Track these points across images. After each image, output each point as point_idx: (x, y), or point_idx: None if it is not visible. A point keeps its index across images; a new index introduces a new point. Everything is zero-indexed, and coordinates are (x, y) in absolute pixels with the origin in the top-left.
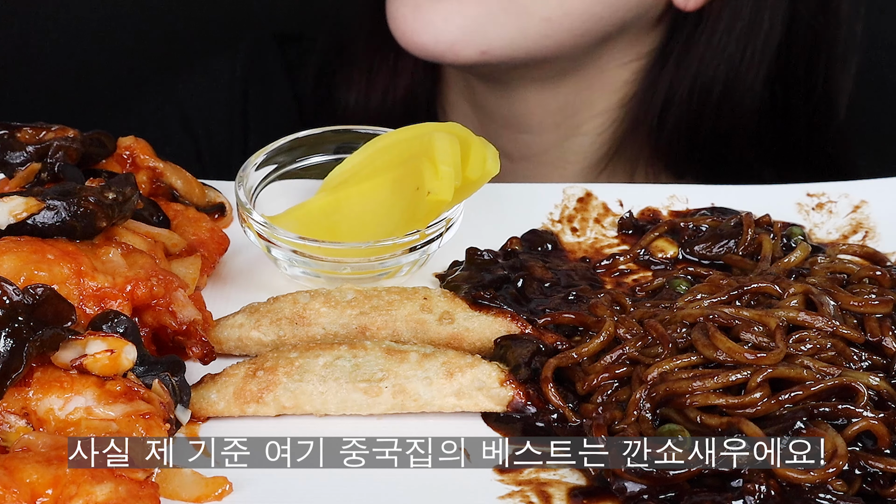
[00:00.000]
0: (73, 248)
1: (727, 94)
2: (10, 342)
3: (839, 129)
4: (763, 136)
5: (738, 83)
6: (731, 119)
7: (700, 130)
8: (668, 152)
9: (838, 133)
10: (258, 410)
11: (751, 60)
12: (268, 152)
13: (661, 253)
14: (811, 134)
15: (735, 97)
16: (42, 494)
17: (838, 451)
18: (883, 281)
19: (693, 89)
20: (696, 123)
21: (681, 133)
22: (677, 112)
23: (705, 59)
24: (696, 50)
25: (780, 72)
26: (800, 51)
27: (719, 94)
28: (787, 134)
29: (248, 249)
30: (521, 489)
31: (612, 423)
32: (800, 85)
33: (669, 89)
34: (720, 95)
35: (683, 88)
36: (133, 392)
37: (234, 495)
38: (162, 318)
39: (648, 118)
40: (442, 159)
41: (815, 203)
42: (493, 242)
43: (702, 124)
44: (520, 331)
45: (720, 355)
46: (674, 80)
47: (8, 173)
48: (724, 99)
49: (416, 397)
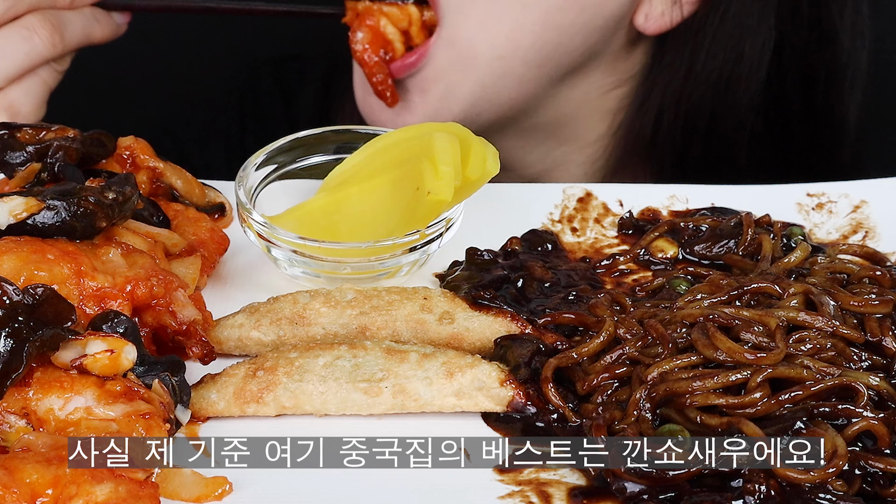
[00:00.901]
0: (73, 248)
1: (715, 117)
2: (10, 342)
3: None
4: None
5: (725, 107)
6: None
7: (694, 148)
8: (665, 169)
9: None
10: (258, 410)
11: (738, 83)
12: (268, 152)
13: (661, 253)
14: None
15: (724, 120)
16: (42, 494)
17: (838, 451)
18: (883, 281)
19: (678, 113)
20: (686, 145)
21: (675, 152)
22: (666, 135)
23: (688, 83)
24: (677, 73)
25: (774, 95)
26: (794, 74)
27: (706, 117)
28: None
29: (248, 249)
30: (521, 489)
31: (612, 423)
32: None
33: (657, 112)
34: (710, 116)
35: (670, 112)
36: (133, 392)
37: (234, 495)
38: (162, 318)
39: (641, 142)
40: (442, 159)
41: (815, 203)
42: (493, 242)
43: (691, 147)
44: (520, 331)
45: (720, 355)
46: (661, 104)
47: (8, 173)
48: (712, 122)
49: (416, 397)
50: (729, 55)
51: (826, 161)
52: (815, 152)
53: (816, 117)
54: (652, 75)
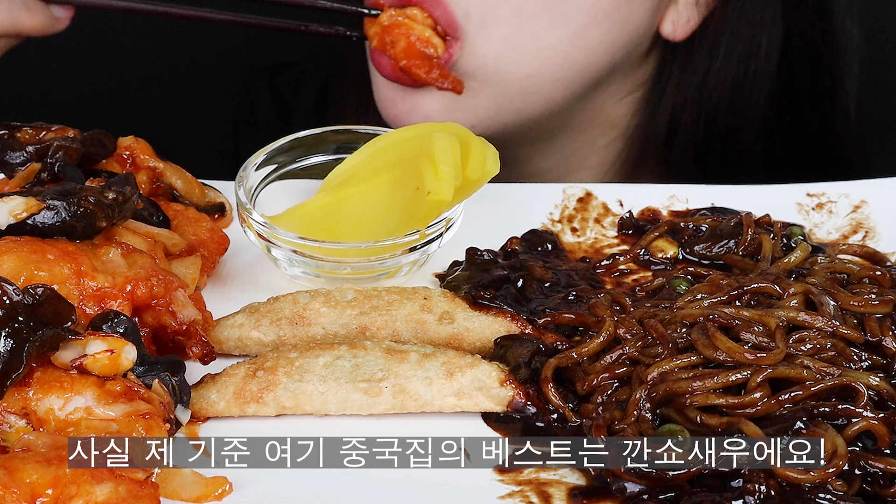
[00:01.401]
0: (73, 248)
1: (732, 113)
2: (10, 342)
3: (854, 132)
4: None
5: (742, 102)
6: (739, 136)
7: (709, 150)
8: (679, 172)
9: (853, 136)
10: (258, 410)
11: (753, 77)
12: (268, 152)
13: (661, 253)
14: (823, 140)
15: (741, 115)
16: (42, 494)
17: (838, 451)
18: (883, 281)
19: (697, 112)
20: (705, 144)
21: (689, 154)
22: (684, 135)
23: (707, 83)
24: (695, 74)
25: (783, 85)
26: (801, 62)
27: (725, 114)
28: (799, 142)
29: (248, 249)
30: (521, 489)
31: (612, 424)
32: (806, 95)
33: (672, 114)
34: (726, 115)
35: (688, 112)
36: (133, 392)
37: (234, 495)
38: (162, 318)
39: (655, 144)
40: (442, 159)
41: (815, 203)
42: (493, 242)
43: (710, 145)
44: (520, 331)
45: (720, 355)
46: (675, 105)
47: (8, 173)
48: (730, 118)
49: (416, 397)
50: (745, 50)
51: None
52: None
53: (824, 103)
54: (664, 78)
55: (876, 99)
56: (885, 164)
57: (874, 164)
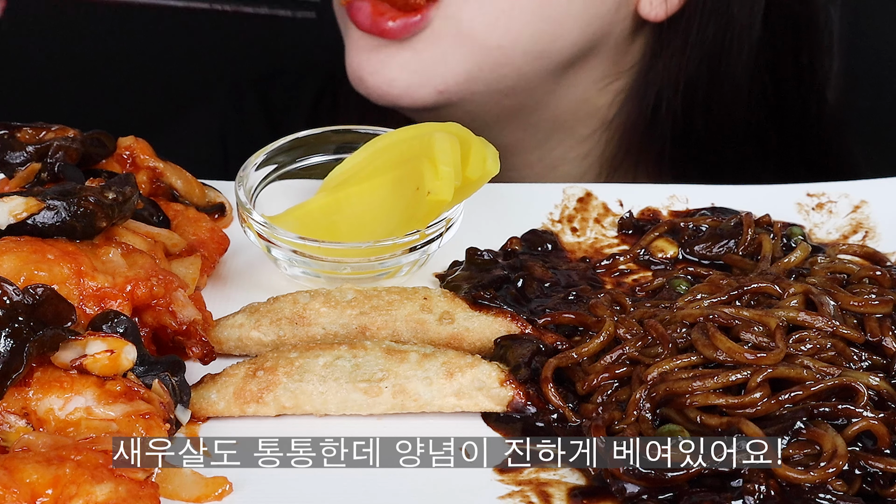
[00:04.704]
0: (73, 248)
1: (714, 92)
2: (10, 342)
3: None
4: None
5: (723, 78)
6: (723, 116)
7: (693, 132)
8: (664, 158)
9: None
10: (258, 410)
11: (734, 53)
12: (268, 152)
13: (661, 253)
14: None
15: (723, 94)
16: (42, 494)
17: (838, 451)
18: (883, 281)
19: (680, 86)
20: (688, 127)
21: (677, 131)
22: (665, 120)
23: (687, 60)
24: (676, 56)
25: (766, 63)
26: (783, 40)
27: (705, 93)
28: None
29: (248, 249)
30: (521, 489)
31: (612, 424)
32: (788, 74)
33: (657, 98)
34: (706, 94)
35: (669, 94)
36: (133, 392)
37: (234, 495)
38: (162, 318)
39: (639, 133)
40: (442, 159)
41: (815, 203)
42: (493, 242)
43: (694, 127)
44: (520, 331)
45: (720, 355)
46: (661, 88)
47: (8, 173)
48: (712, 97)
49: (416, 397)
50: (720, 21)
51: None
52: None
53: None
54: (652, 61)
55: (875, 100)
56: (877, 167)
57: (855, 155)
